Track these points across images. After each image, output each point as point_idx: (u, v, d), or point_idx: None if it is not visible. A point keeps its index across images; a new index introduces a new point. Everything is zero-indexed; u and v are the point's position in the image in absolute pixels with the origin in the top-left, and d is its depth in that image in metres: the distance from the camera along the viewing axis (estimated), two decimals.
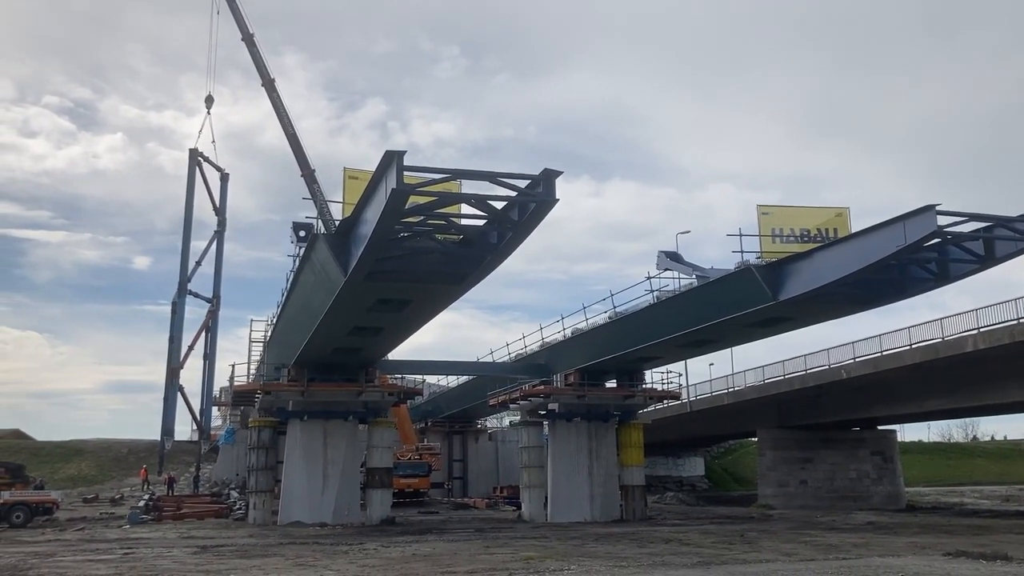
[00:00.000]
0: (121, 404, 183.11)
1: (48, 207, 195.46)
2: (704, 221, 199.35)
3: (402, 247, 22.91)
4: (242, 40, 65.48)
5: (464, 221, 21.89)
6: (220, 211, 76.62)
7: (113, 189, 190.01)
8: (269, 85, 65.28)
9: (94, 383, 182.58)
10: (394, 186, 18.38)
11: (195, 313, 75.32)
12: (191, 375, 74.89)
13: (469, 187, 21.05)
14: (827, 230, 29.40)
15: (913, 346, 39.37)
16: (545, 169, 19.38)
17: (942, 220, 22.76)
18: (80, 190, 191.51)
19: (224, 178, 77.27)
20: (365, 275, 23.83)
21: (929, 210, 22.43)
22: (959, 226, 23.70)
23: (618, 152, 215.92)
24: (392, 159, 18.58)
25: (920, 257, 25.87)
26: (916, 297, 29.40)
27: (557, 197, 19.45)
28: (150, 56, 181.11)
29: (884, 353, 41.48)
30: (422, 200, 20.21)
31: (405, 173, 18.61)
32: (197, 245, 75.77)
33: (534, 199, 19.69)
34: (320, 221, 26.23)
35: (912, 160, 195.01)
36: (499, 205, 20.77)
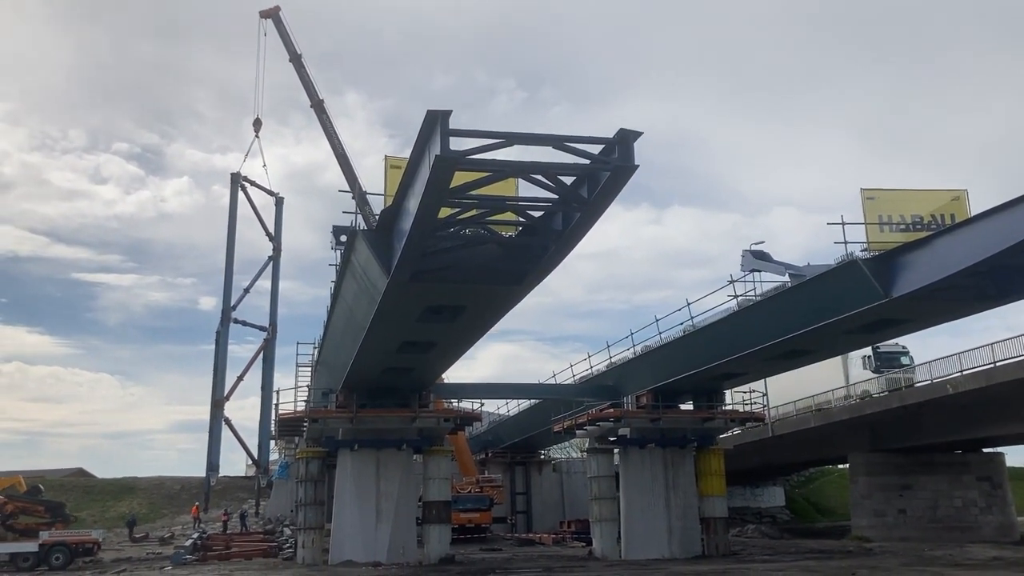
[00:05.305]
0: (190, 443, 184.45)
1: (118, 251, 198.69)
2: (768, 246, 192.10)
3: (451, 238, 19.66)
4: (290, 61, 64.46)
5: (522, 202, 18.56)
6: (275, 237, 74.61)
7: (180, 231, 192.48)
8: (318, 106, 64.01)
9: (164, 423, 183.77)
10: (438, 152, 15.13)
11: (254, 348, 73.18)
12: (253, 412, 72.46)
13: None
14: (942, 216, 25.42)
15: None
16: (621, 129, 15.93)
17: None
18: (148, 234, 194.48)
19: (279, 203, 75.40)
20: (410, 275, 20.60)
21: None
22: None
23: (677, 179, 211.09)
24: (436, 120, 15.31)
25: None
26: (986, 315, 25.16)
27: (636, 163, 15.99)
28: (214, 100, 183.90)
29: (998, 364, 36.85)
30: (473, 177, 17.02)
31: (451, 138, 15.35)
32: (249, 277, 73.87)
33: (608, 166, 16.23)
34: (359, 217, 23.00)
35: (980, 179, 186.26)
36: (567, 181, 17.43)
